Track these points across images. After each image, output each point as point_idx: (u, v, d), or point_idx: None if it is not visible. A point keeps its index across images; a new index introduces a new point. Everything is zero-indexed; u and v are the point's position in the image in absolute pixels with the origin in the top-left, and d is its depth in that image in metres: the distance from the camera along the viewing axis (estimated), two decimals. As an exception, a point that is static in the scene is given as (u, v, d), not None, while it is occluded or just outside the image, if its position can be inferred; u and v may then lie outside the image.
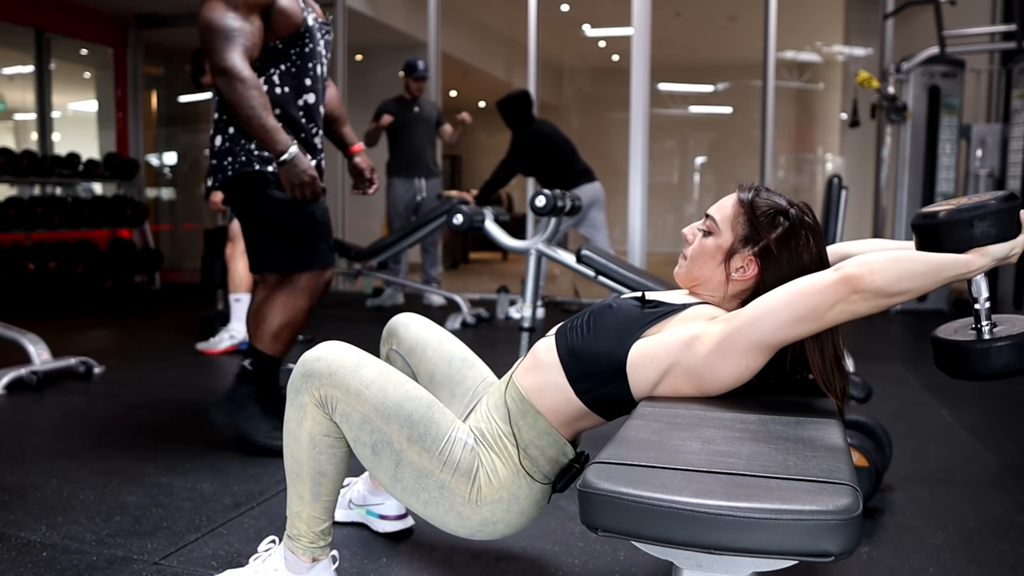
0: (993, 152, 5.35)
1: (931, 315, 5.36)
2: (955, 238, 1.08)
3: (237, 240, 3.85)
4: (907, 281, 1.04)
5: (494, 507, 1.24)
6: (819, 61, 8.95)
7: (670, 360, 1.17)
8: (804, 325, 1.07)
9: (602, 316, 1.26)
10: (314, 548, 1.35)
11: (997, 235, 1.07)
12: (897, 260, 1.05)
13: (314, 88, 2.19)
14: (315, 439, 1.28)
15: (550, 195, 2.82)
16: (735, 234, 1.24)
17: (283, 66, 2.14)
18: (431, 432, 1.23)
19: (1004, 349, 1.10)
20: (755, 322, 1.09)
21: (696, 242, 1.28)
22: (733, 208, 1.25)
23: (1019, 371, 1.11)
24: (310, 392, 1.26)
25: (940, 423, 2.69)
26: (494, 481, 1.24)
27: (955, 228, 1.08)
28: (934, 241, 1.10)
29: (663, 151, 10.12)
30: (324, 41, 2.23)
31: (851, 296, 1.04)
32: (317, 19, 2.20)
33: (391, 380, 1.26)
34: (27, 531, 1.72)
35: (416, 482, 1.24)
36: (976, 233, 1.07)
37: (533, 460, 1.26)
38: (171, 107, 7.96)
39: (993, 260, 1.08)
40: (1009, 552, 1.67)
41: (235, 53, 1.98)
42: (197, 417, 2.69)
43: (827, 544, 0.80)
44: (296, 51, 2.15)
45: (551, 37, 8.33)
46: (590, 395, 1.24)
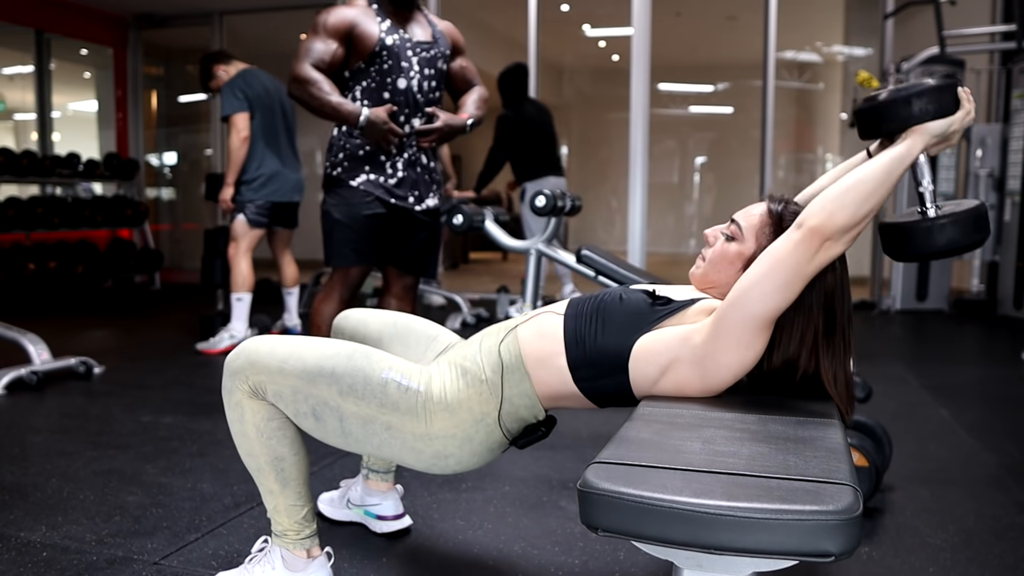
0: (993, 152, 5.35)
1: (931, 315, 5.36)
2: (895, 116, 1.11)
3: (240, 240, 3.85)
4: (865, 204, 1.06)
5: (446, 442, 1.25)
6: (819, 61, 8.95)
7: (671, 356, 1.17)
8: (791, 288, 1.08)
9: (611, 308, 1.25)
10: (303, 540, 1.36)
11: (935, 112, 1.10)
12: (848, 190, 1.06)
13: (394, 101, 2.44)
14: (260, 428, 1.31)
15: (550, 195, 2.82)
16: (759, 243, 1.22)
17: (364, 82, 2.44)
18: (359, 380, 1.24)
19: (947, 227, 1.13)
20: (743, 299, 1.10)
21: (718, 245, 1.27)
22: (761, 217, 1.24)
23: (962, 248, 1.14)
24: (239, 388, 1.30)
25: (940, 423, 2.69)
26: (453, 417, 1.24)
27: (895, 107, 1.11)
28: (875, 122, 1.14)
29: (663, 151, 10.12)
30: (420, 59, 2.47)
31: (823, 245, 1.06)
32: (408, 39, 2.45)
33: (307, 346, 1.28)
34: (27, 531, 1.72)
35: (364, 430, 1.25)
36: (915, 111, 1.10)
37: (505, 414, 1.27)
38: (171, 107, 7.96)
39: (932, 136, 1.11)
40: (1009, 552, 1.67)
41: (301, 63, 2.33)
42: (197, 417, 2.69)
43: (827, 544, 0.80)
44: (375, 69, 2.42)
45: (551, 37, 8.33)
46: (588, 383, 1.24)
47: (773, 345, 1.17)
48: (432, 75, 2.50)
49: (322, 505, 1.81)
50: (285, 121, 3.95)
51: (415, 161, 2.52)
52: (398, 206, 2.51)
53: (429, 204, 2.59)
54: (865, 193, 1.06)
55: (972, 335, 4.75)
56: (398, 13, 2.46)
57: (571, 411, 2.99)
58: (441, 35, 2.55)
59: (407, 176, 2.50)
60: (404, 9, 2.47)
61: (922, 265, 5.47)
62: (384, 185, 2.47)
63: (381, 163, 2.47)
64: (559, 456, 2.29)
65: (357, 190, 2.45)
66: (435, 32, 2.54)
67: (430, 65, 2.49)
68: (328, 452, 2.28)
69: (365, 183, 2.45)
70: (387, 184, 2.47)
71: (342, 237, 2.46)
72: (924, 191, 1.18)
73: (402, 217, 2.54)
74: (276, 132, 3.90)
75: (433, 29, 2.54)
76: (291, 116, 4.01)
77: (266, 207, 3.87)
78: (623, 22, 5.60)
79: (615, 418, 1.28)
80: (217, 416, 2.70)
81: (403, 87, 2.43)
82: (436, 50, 2.51)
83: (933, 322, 5.12)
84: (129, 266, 6.17)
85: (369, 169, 2.46)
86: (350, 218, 2.45)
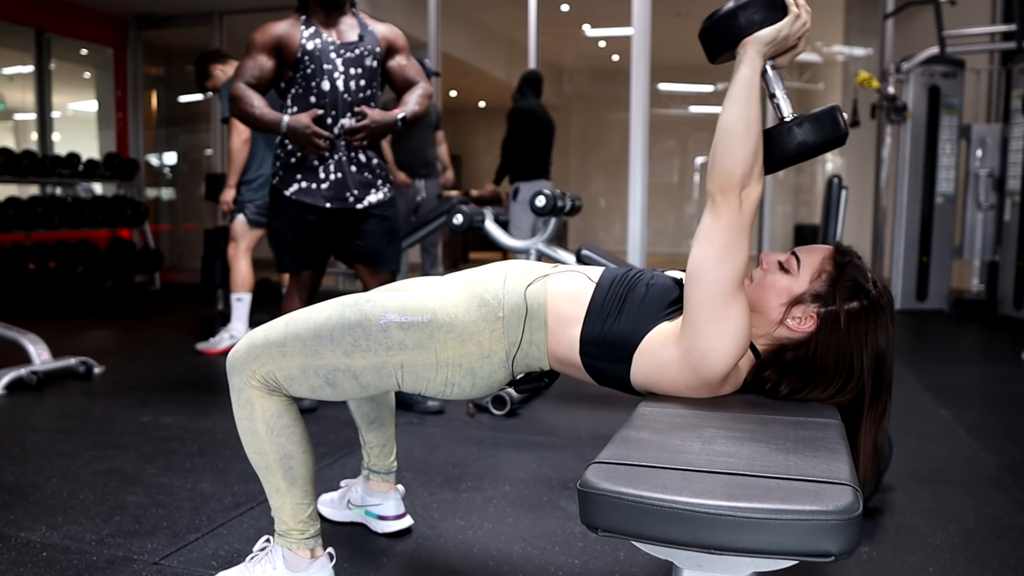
0: (993, 152, 5.35)
1: (931, 315, 5.36)
2: (727, 31, 1.14)
3: (239, 240, 3.85)
4: (746, 139, 1.09)
5: (453, 370, 1.25)
6: (819, 61, 8.95)
7: (664, 356, 1.16)
8: (738, 246, 1.09)
9: (638, 292, 1.24)
10: (306, 539, 1.36)
11: (762, 20, 1.12)
12: (726, 143, 1.10)
13: (320, 103, 2.49)
14: (270, 424, 1.31)
15: (550, 195, 2.82)
16: (810, 287, 1.19)
17: (293, 89, 2.52)
18: (359, 334, 1.24)
19: (795, 128, 1.16)
20: (698, 277, 1.10)
21: (770, 272, 1.23)
22: (822, 262, 1.20)
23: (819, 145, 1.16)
24: (248, 383, 1.29)
25: (940, 423, 2.69)
26: (460, 348, 1.24)
27: (724, 21, 1.14)
28: (714, 41, 1.17)
29: (663, 151, 10.13)
30: (344, 59, 2.51)
31: (740, 195, 1.09)
32: (332, 42, 2.50)
33: (298, 321, 1.28)
34: (27, 531, 1.72)
35: (379, 377, 1.26)
36: (742, 22, 1.13)
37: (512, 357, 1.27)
38: (171, 107, 7.96)
39: (765, 45, 1.12)
40: (1009, 552, 1.67)
41: (235, 82, 2.46)
42: (197, 417, 2.69)
43: (827, 544, 0.80)
44: (300, 74, 2.49)
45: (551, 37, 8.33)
46: (590, 359, 1.24)
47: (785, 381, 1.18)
48: (360, 74, 2.53)
49: (322, 506, 1.81)
50: None
51: (349, 161, 2.56)
52: (336, 209, 2.56)
53: (372, 200, 2.61)
54: (740, 133, 1.09)
55: (972, 335, 4.75)
56: (328, 17, 2.53)
57: (571, 411, 2.99)
58: (370, 33, 2.59)
59: (340, 178, 2.55)
60: (332, 10, 2.53)
61: (922, 265, 5.47)
62: (317, 191, 2.53)
63: (313, 168, 2.53)
64: (559, 456, 2.29)
65: (290, 200, 2.54)
66: (363, 31, 2.57)
67: (356, 64, 2.53)
68: (328, 452, 2.28)
69: (297, 192, 2.52)
70: (320, 190, 2.53)
71: (282, 245, 2.61)
72: (778, 100, 1.20)
73: (344, 217, 2.60)
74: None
75: (363, 29, 2.58)
76: None
77: (265, 207, 3.87)
78: (623, 22, 5.60)
79: (615, 418, 1.28)
80: (217, 416, 2.70)
81: (327, 88, 2.49)
82: (363, 48, 2.54)
83: (933, 322, 5.12)
84: (129, 266, 6.17)
85: (301, 177, 2.54)
86: (287, 227, 2.58)
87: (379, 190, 2.63)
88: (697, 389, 1.17)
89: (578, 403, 2.88)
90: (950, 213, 5.49)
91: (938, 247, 5.48)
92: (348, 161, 2.55)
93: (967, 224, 5.49)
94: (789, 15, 1.12)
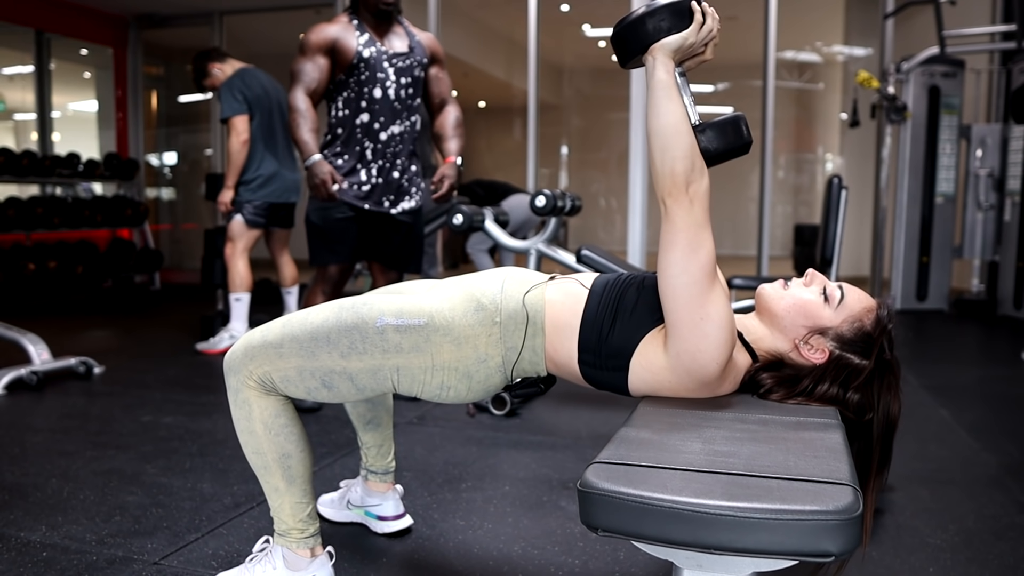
0: (993, 152, 5.35)
1: (931, 315, 5.36)
2: (636, 37, 1.16)
3: (237, 240, 3.85)
4: (675, 139, 1.11)
5: (448, 374, 1.25)
6: (819, 61, 8.95)
7: (659, 364, 1.16)
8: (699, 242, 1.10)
9: (630, 299, 1.23)
10: (306, 538, 1.36)
11: (669, 27, 1.14)
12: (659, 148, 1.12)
13: (370, 110, 2.61)
14: (268, 424, 1.31)
15: (550, 195, 2.82)
16: (839, 328, 1.19)
17: (344, 93, 2.61)
18: (355, 337, 1.24)
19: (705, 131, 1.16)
20: (667, 282, 1.11)
21: (809, 293, 1.22)
22: (862, 310, 1.20)
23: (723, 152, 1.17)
24: (245, 384, 1.29)
25: (940, 423, 2.69)
26: (457, 352, 1.24)
27: (633, 28, 1.16)
28: (623, 46, 1.18)
29: (663, 151, 10.10)
30: (396, 68, 2.63)
31: (687, 192, 1.10)
32: (385, 51, 2.61)
33: (293, 323, 1.29)
34: (27, 531, 1.72)
35: (375, 379, 1.26)
36: (650, 29, 1.15)
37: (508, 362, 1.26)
38: (171, 107, 7.96)
39: (671, 51, 1.14)
40: (1009, 552, 1.67)
41: (295, 89, 2.55)
42: (197, 417, 2.69)
43: (827, 544, 0.80)
44: (354, 80, 2.59)
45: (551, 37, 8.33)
46: (589, 368, 1.23)
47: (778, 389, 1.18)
48: (408, 83, 2.67)
49: (322, 507, 1.81)
50: (283, 121, 3.95)
51: (391, 168, 2.68)
52: (371, 211, 2.67)
53: (405, 207, 2.75)
54: (671, 131, 1.11)
55: (972, 335, 4.75)
56: (378, 26, 2.64)
57: (571, 411, 2.99)
58: (419, 44, 2.71)
59: (380, 183, 2.67)
60: (384, 22, 2.64)
61: (922, 265, 5.47)
62: (356, 193, 2.64)
63: (355, 171, 2.64)
64: (559, 456, 2.29)
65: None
66: (412, 42, 2.70)
67: (406, 74, 2.66)
68: (328, 452, 2.28)
69: (338, 191, 2.59)
70: (360, 191, 2.64)
71: (317, 239, 2.69)
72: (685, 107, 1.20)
73: (378, 220, 2.72)
74: (274, 133, 3.89)
75: (411, 39, 2.70)
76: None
77: (263, 207, 3.87)
78: (623, 22, 5.59)
79: (615, 418, 1.28)
80: (217, 416, 2.70)
81: (379, 96, 2.61)
82: (412, 59, 2.67)
83: (933, 322, 5.12)
84: (129, 266, 6.17)
85: (343, 177, 2.63)
86: (324, 222, 2.65)
87: (412, 197, 2.77)
88: (696, 390, 1.17)
89: (578, 403, 2.87)
90: (950, 213, 5.49)
91: (938, 247, 5.48)
92: (391, 168, 2.68)
93: (967, 224, 5.49)
94: (694, 23, 1.14)
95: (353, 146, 2.63)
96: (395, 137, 2.66)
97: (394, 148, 2.67)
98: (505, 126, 10.94)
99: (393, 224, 2.74)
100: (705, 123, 1.17)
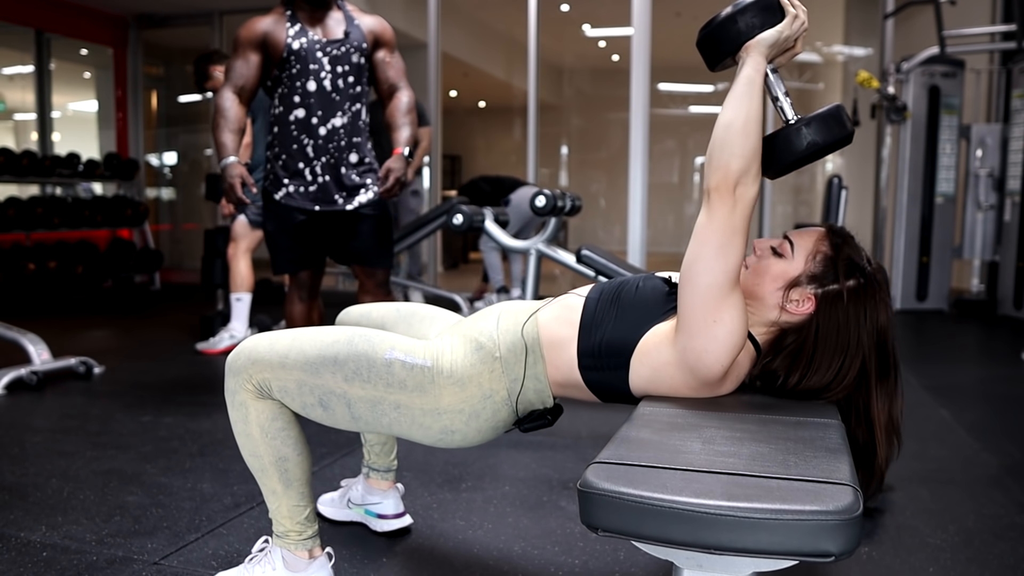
0: (993, 152, 5.35)
1: (931, 315, 5.36)
2: (727, 37, 1.14)
3: (240, 240, 3.85)
4: (746, 139, 1.08)
5: (454, 417, 1.24)
6: (819, 61, 8.95)
7: (660, 359, 1.17)
8: (730, 246, 1.09)
9: (627, 296, 1.25)
10: (305, 540, 1.36)
11: (761, 23, 1.13)
12: (725, 139, 1.09)
13: (304, 104, 2.48)
14: (265, 427, 1.30)
15: (550, 195, 2.82)
16: (805, 267, 1.19)
17: (279, 89, 2.51)
18: (363, 364, 1.24)
19: (803, 129, 1.16)
20: (690, 278, 1.10)
21: (764, 258, 1.23)
22: (815, 243, 1.20)
23: (826, 146, 1.16)
24: (243, 387, 1.29)
25: (940, 423, 2.69)
26: (462, 392, 1.24)
27: (723, 28, 1.14)
28: (713, 48, 1.17)
29: (663, 151, 10.11)
30: (331, 57, 2.48)
31: (735, 194, 1.08)
32: (318, 40, 2.47)
33: (306, 338, 1.28)
34: (27, 531, 1.72)
35: (373, 412, 1.25)
36: (742, 27, 1.13)
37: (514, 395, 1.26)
38: (171, 107, 7.95)
39: (767, 47, 1.13)
40: (1009, 552, 1.67)
41: (223, 88, 2.47)
42: (197, 417, 2.69)
43: (827, 544, 0.80)
44: (286, 74, 2.48)
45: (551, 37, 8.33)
46: (591, 373, 1.24)
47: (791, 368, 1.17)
48: (347, 71, 2.52)
49: (322, 506, 1.81)
50: None
51: (336, 163, 2.54)
52: (324, 211, 2.55)
53: (362, 200, 2.59)
54: (740, 130, 1.09)
55: (972, 335, 4.75)
56: (314, 14, 2.50)
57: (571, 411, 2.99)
58: (357, 28, 2.55)
59: (327, 181, 2.54)
60: (320, 9, 2.51)
61: (922, 265, 5.47)
62: (305, 194, 2.54)
63: (300, 172, 2.53)
64: (559, 456, 2.29)
65: (279, 203, 2.56)
66: (350, 27, 2.54)
67: (343, 62, 2.51)
68: (328, 452, 2.28)
69: (285, 196, 2.54)
70: (308, 192, 2.54)
71: (276, 247, 2.63)
72: (780, 103, 1.20)
73: (335, 219, 2.59)
74: None
75: (348, 24, 2.55)
76: None
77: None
78: (623, 22, 5.59)
79: (615, 418, 1.28)
80: (217, 416, 2.70)
81: (313, 88, 2.48)
82: (348, 45, 2.51)
83: (933, 322, 5.12)
84: (129, 266, 6.17)
85: (288, 180, 2.54)
86: (278, 229, 2.59)
87: (368, 189, 2.60)
88: (697, 389, 1.17)
89: (578, 403, 2.87)
90: (950, 213, 5.49)
91: (938, 247, 5.48)
92: (337, 163, 2.54)
93: (967, 224, 5.49)
94: (787, 16, 1.13)
95: (291, 144, 2.51)
96: (337, 130, 2.51)
97: (337, 142, 2.52)
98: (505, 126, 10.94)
99: (353, 220, 2.59)
100: (808, 116, 1.16)
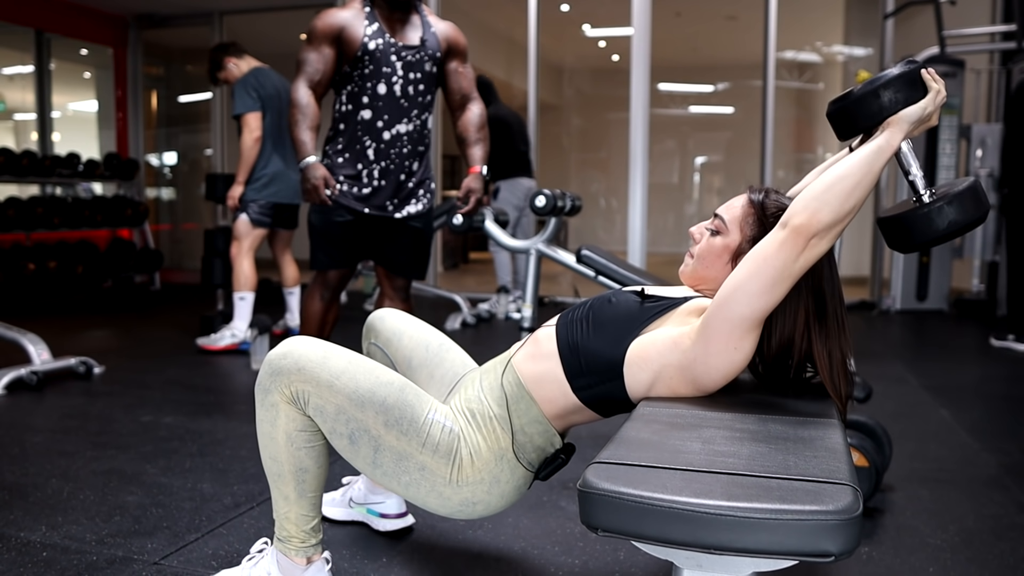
0: (993, 152, 5.35)
1: (931, 315, 5.36)
2: (867, 112, 1.11)
3: (243, 239, 3.86)
4: (848, 199, 1.05)
5: (475, 488, 1.24)
6: (819, 61, 8.95)
7: (662, 362, 1.17)
8: (778, 288, 1.07)
9: (601, 311, 1.25)
10: (306, 547, 1.35)
11: (905, 99, 1.09)
12: (830, 186, 1.05)
13: (372, 106, 2.47)
14: (291, 436, 1.28)
15: (550, 195, 2.82)
16: (743, 234, 1.22)
17: (349, 87, 2.49)
18: (407, 415, 1.23)
19: (945, 208, 1.12)
20: (728, 301, 1.09)
21: (704, 241, 1.27)
22: (743, 208, 1.24)
23: (964, 226, 1.13)
24: (280, 390, 1.25)
25: (940, 423, 2.69)
26: (476, 462, 1.24)
27: (865, 102, 1.11)
28: (850, 122, 1.13)
29: (663, 151, 10.12)
30: (405, 62, 2.48)
31: (808, 243, 1.05)
32: (394, 43, 2.46)
33: (361, 368, 1.25)
34: (27, 531, 1.72)
35: (396, 466, 1.24)
36: (885, 102, 1.09)
37: (521, 446, 1.26)
38: (171, 107, 7.95)
39: (908, 124, 1.10)
40: (1009, 552, 1.67)
41: (297, 80, 2.44)
42: (197, 417, 2.69)
43: (827, 544, 0.80)
44: (357, 73, 2.45)
45: (551, 37, 8.33)
46: (587, 392, 1.24)
47: (770, 329, 1.16)
48: (419, 79, 2.51)
49: (324, 505, 1.81)
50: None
51: (396, 169, 2.53)
52: (373, 215, 2.54)
53: (411, 211, 2.60)
54: (848, 188, 1.05)
55: (972, 335, 4.75)
56: (392, 15, 2.48)
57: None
58: (433, 36, 2.54)
59: (383, 186, 2.53)
60: (398, 11, 2.48)
61: (922, 265, 5.47)
62: (357, 195, 2.52)
63: (357, 172, 2.51)
64: (559, 456, 2.28)
65: (329, 198, 2.50)
66: (426, 34, 2.53)
67: (416, 69, 2.50)
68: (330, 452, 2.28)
69: (337, 194, 2.50)
70: (360, 194, 2.52)
71: (317, 243, 2.59)
72: (914, 178, 1.17)
73: (381, 224, 2.58)
74: (283, 133, 3.90)
75: (425, 30, 2.54)
76: None
77: (268, 207, 3.87)
78: (623, 22, 5.60)
79: (615, 418, 1.28)
80: (217, 416, 2.70)
81: (383, 92, 2.46)
82: (423, 53, 2.51)
83: (933, 322, 5.12)
84: (129, 266, 6.17)
85: (343, 179, 2.52)
86: (323, 225, 2.55)
87: (419, 201, 2.62)
88: (692, 393, 1.19)
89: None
90: (950, 213, 5.49)
91: (938, 247, 5.48)
92: (396, 169, 2.53)
93: (967, 224, 5.48)
94: (931, 92, 1.11)
95: (354, 144, 2.49)
96: (401, 137, 2.50)
97: (399, 148, 2.51)
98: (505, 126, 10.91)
99: (398, 228, 2.60)
100: (948, 195, 1.12)
